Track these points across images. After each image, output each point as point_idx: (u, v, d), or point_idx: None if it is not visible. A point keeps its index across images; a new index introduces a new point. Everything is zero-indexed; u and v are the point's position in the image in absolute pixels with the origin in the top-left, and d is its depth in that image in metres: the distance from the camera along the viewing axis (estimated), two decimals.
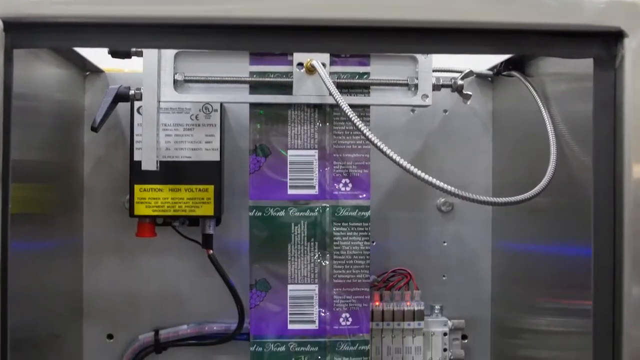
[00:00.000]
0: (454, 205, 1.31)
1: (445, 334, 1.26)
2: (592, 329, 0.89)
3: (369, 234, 1.14)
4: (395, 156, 0.97)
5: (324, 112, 1.14)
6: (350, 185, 1.13)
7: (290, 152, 1.13)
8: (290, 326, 1.13)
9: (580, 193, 0.94)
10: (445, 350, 1.26)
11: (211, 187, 1.18)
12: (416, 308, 1.23)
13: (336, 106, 1.09)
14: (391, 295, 1.24)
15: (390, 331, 1.23)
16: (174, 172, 1.18)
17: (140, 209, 1.18)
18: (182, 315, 1.28)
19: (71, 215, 1.26)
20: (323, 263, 1.13)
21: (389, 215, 1.30)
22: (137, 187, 1.18)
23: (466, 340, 1.31)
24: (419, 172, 0.97)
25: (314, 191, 1.13)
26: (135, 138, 1.18)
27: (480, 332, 1.31)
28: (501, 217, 1.28)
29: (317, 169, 1.13)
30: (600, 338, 0.89)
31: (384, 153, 0.97)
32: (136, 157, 1.17)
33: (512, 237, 1.24)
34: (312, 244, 1.13)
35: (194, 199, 1.18)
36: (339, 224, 1.13)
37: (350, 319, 1.13)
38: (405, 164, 0.97)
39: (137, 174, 1.17)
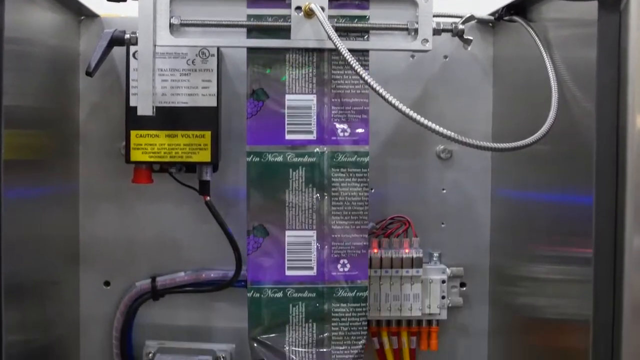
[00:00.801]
0: (453, 153, 1.30)
1: (443, 282, 1.26)
2: (593, 277, 0.88)
3: (368, 180, 1.13)
4: (394, 101, 0.96)
5: (323, 56, 1.12)
6: (349, 130, 1.12)
7: (288, 96, 1.12)
8: (288, 272, 1.12)
9: (582, 140, 0.93)
10: (443, 297, 1.25)
11: (208, 133, 1.17)
12: (414, 255, 1.22)
13: (335, 51, 1.08)
14: (389, 243, 1.23)
15: (389, 278, 1.23)
16: (170, 118, 1.16)
17: (137, 155, 1.17)
18: (179, 262, 1.28)
19: (67, 162, 1.25)
20: (321, 209, 1.12)
21: (387, 162, 1.29)
22: (133, 133, 1.16)
23: (465, 288, 1.30)
24: (418, 117, 0.96)
25: (312, 136, 1.12)
26: (131, 83, 1.16)
27: (479, 280, 1.31)
28: (501, 164, 1.27)
29: (315, 114, 1.12)
30: (601, 286, 0.88)
31: (383, 98, 0.96)
32: (132, 103, 1.16)
33: (512, 185, 1.23)
34: (310, 189, 1.12)
35: (190, 145, 1.17)
36: (337, 170, 1.12)
37: (348, 266, 1.13)
38: (404, 108, 0.96)
39: (133, 120, 1.16)
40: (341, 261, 1.13)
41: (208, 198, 1.20)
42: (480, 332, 1.31)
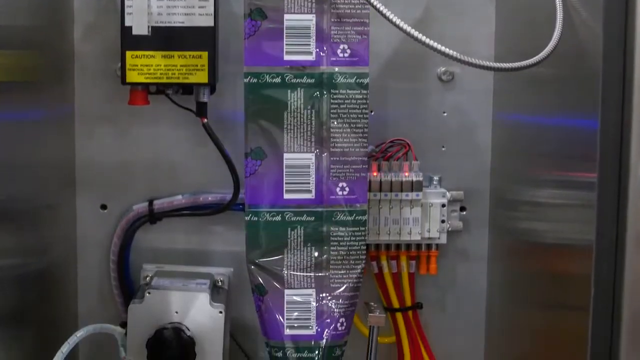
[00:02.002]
0: (454, 75, 1.27)
1: (443, 206, 1.25)
2: (596, 202, 0.87)
3: (367, 102, 1.11)
4: (396, 19, 0.94)
5: None
6: (348, 51, 1.10)
7: (286, 16, 1.10)
8: (287, 196, 1.12)
9: (587, 62, 0.91)
10: (443, 221, 1.25)
11: (205, 54, 1.15)
12: (414, 179, 1.21)
13: None
14: (389, 166, 1.22)
15: (388, 202, 1.22)
16: (166, 38, 1.14)
17: (132, 76, 1.15)
18: (176, 186, 1.27)
19: (61, 84, 1.23)
20: (320, 132, 1.11)
21: (387, 84, 1.27)
22: (128, 53, 1.14)
23: (465, 212, 1.29)
24: (421, 37, 0.94)
25: (311, 57, 1.10)
26: (126, 2, 1.13)
27: (479, 204, 1.30)
28: (503, 87, 1.25)
29: (314, 35, 1.10)
30: (604, 211, 0.87)
31: (385, 16, 0.94)
32: (127, 23, 1.13)
33: (514, 108, 1.22)
34: (309, 111, 1.11)
35: (187, 66, 1.14)
36: (337, 91, 1.10)
37: (347, 189, 1.12)
38: (406, 27, 0.94)
39: (129, 40, 1.13)
40: (340, 184, 1.12)
41: (205, 120, 1.19)
42: (480, 257, 1.31)
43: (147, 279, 1.19)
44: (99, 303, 1.28)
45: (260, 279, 1.11)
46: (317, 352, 1.10)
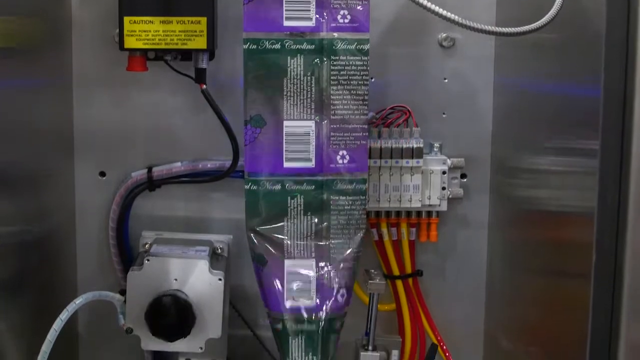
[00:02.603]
0: (455, 41, 1.26)
1: (444, 173, 1.24)
2: (598, 169, 0.87)
3: (368, 69, 1.10)
4: None
5: None
6: (348, 17, 1.09)
7: None
8: (286, 164, 1.11)
9: (590, 28, 0.90)
10: (444, 188, 1.24)
11: (204, 19, 1.13)
12: (415, 145, 1.21)
13: None
14: (389, 133, 1.21)
15: (389, 169, 1.21)
16: (165, 3, 1.13)
17: (131, 42, 1.14)
18: (175, 152, 1.26)
19: (59, 50, 1.22)
20: (320, 98, 1.10)
21: (388, 51, 1.26)
22: (126, 19, 1.13)
23: (465, 179, 1.29)
24: (423, 1, 0.92)
25: (311, 23, 1.09)
26: None
27: (480, 171, 1.29)
28: (504, 53, 1.24)
29: (314, 0, 1.08)
30: (606, 178, 0.86)
31: None
32: None
33: (516, 75, 1.21)
34: (308, 78, 1.10)
35: (186, 32, 1.13)
36: (337, 58, 1.09)
37: (347, 157, 1.11)
38: None
39: (127, 5, 1.13)
40: (340, 153, 1.11)
41: (204, 86, 1.18)
42: (480, 224, 1.30)
43: (146, 246, 1.19)
44: (98, 270, 1.28)
45: (260, 248, 1.11)
46: (317, 323, 1.10)
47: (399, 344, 1.17)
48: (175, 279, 1.12)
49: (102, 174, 1.27)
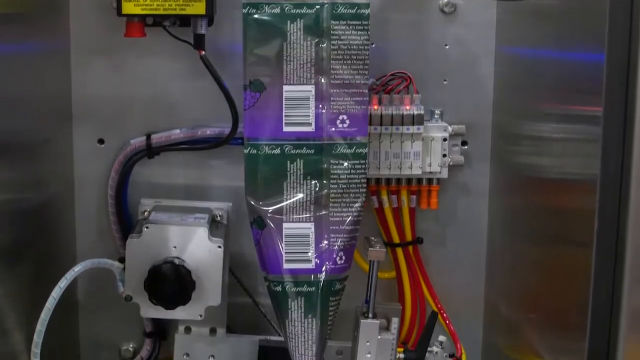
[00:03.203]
0: (456, 6, 1.25)
1: (445, 140, 1.23)
2: (602, 136, 0.86)
3: (368, 34, 1.09)
4: None
5: None
6: None
7: None
8: (286, 128, 1.10)
9: None
10: (444, 156, 1.24)
11: None
12: (415, 112, 1.20)
13: None
14: (390, 99, 1.21)
15: (389, 136, 1.20)
16: None
17: (129, 8, 1.14)
18: (174, 119, 1.25)
19: (57, 16, 1.21)
20: (320, 63, 1.09)
21: (389, 16, 1.25)
22: None
23: (466, 147, 1.28)
24: None
25: None
26: None
27: (481, 138, 1.29)
28: (506, 19, 1.23)
29: None
30: (609, 145, 0.85)
31: None
32: None
33: (517, 41, 1.20)
34: (308, 43, 1.09)
35: None
36: (337, 23, 1.08)
37: (347, 122, 1.10)
38: None
39: None
40: (340, 117, 1.10)
41: (203, 52, 1.17)
42: (481, 191, 1.30)
43: (145, 213, 1.18)
44: (97, 238, 1.28)
45: (259, 212, 1.10)
46: (316, 286, 1.10)
47: (399, 312, 1.17)
48: (175, 247, 1.11)
49: (101, 141, 1.27)
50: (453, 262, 1.32)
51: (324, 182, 1.11)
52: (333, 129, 1.10)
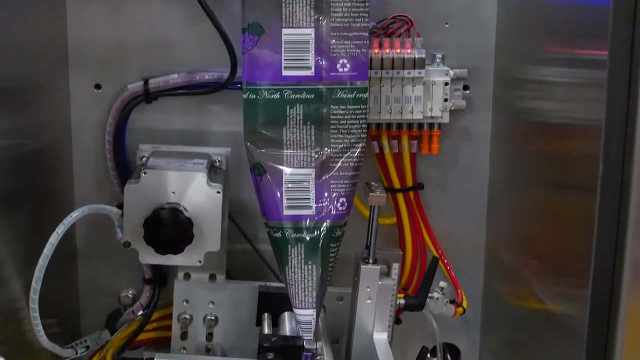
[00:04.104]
0: None
1: (446, 84, 1.22)
2: (607, 80, 0.84)
3: None
4: None
5: None
6: None
7: None
8: (285, 72, 1.09)
9: None
10: (446, 100, 1.22)
11: None
12: (417, 56, 1.19)
13: None
14: (391, 43, 1.19)
15: (390, 80, 1.19)
16: None
17: None
18: (172, 64, 1.24)
19: None
20: (320, 5, 1.07)
21: None
22: None
23: (468, 91, 1.27)
24: None
25: None
26: None
27: (483, 83, 1.27)
28: None
29: None
30: (615, 90, 0.84)
31: None
32: None
33: None
34: None
35: None
36: None
37: (348, 66, 1.09)
38: None
39: None
40: (341, 61, 1.09)
41: None
42: (483, 137, 1.29)
43: (144, 159, 1.17)
44: (95, 185, 1.27)
45: (258, 158, 1.09)
46: (316, 232, 1.09)
47: (400, 257, 1.17)
48: (173, 192, 1.10)
49: (98, 86, 1.25)
50: (454, 207, 1.31)
51: (324, 126, 1.10)
52: (333, 73, 1.09)
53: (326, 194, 1.10)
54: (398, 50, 1.18)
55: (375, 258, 1.14)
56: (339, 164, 1.10)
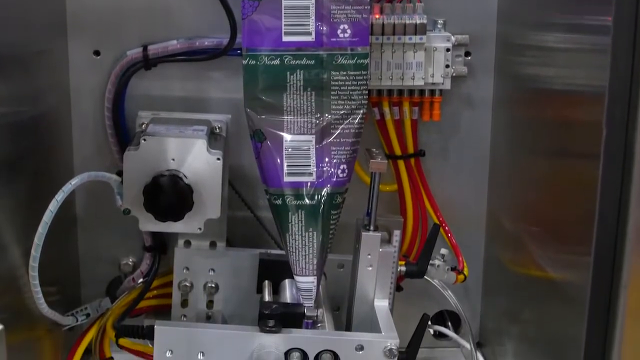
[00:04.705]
0: None
1: (448, 50, 1.21)
2: (611, 46, 0.84)
3: None
4: None
5: None
6: None
7: None
8: (285, 38, 1.08)
9: None
10: (447, 66, 1.21)
11: None
12: (418, 21, 1.18)
13: None
14: (392, 8, 1.18)
15: (391, 45, 1.18)
16: None
17: None
18: (171, 30, 1.22)
19: None
20: None
21: None
22: None
23: (469, 57, 1.26)
24: None
25: None
26: None
27: (485, 49, 1.26)
28: None
29: None
30: (619, 56, 0.84)
31: None
32: None
33: None
34: None
35: None
36: None
37: (349, 31, 1.08)
38: None
39: None
40: (341, 26, 1.08)
41: None
42: (485, 103, 1.28)
43: (143, 126, 1.16)
44: (94, 152, 1.27)
45: (258, 124, 1.09)
46: (317, 199, 1.09)
47: (401, 224, 1.16)
48: (173, 159, 1.10)
49: (97, 53, 1.24)
50: (455, 174, 1.31)
51: (325, 93, 1.09)
52: (334, 38, 1.08)
53: (327, 161, 1.09)
54: (399, 16, 1.17)
55: (376, 225, 1.13)
56: (340, 130, 1.09)
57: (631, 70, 0.83)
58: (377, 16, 1.17)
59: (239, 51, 1.15)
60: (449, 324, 1.34)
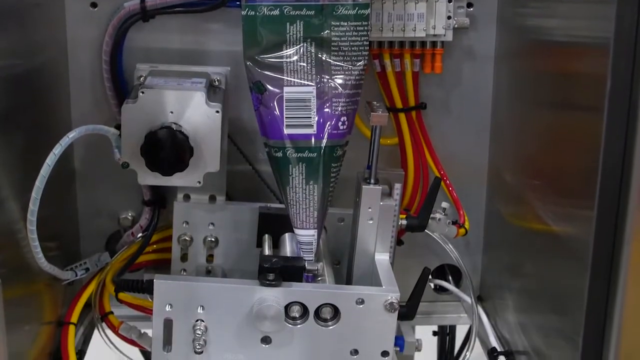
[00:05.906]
0: None
1: (449, 1, 1.20)
2: None
3: None
4: None
5: None
6: None
7: None
8: None
9: None
10: (449, 17, 1.20)
11: None
12: None
13: None
14: None
15: None
16: None
17: None
18: None
19: None
20: None
21: None
22: None
23: (472, 9, 1.24)
24: None
25: None
26: None
27: (487, 0, 1.25)
28: None
29: None
30: (625, 4, 0.82)
31: None
32: None
33: None
34: None
35: None
36: None
37: None
38: None
39: None
40: None
41: None
42: (487, 55, 1.27)
43: (141, 79, 1.15)
44: (92, 106, 1.26)
45: (258, 76, 1.07)
46: (317, 151, 1.08)
47: (402, 177, 1.15)
48: (171, 112, 1.08)
49: (94, 5, 1.23)
50: (457, 128, 1.30)
51: (325, 44, 1.08)
52: None
53: (327, 113, 1.08)
54: None
55: (377, 178, 1.12)
56: (340, 81, 1.08)
57: (636, 21, 0.82)
58: None
59: (238, 2, 1.13)
60: (450, 277, 1.34)
